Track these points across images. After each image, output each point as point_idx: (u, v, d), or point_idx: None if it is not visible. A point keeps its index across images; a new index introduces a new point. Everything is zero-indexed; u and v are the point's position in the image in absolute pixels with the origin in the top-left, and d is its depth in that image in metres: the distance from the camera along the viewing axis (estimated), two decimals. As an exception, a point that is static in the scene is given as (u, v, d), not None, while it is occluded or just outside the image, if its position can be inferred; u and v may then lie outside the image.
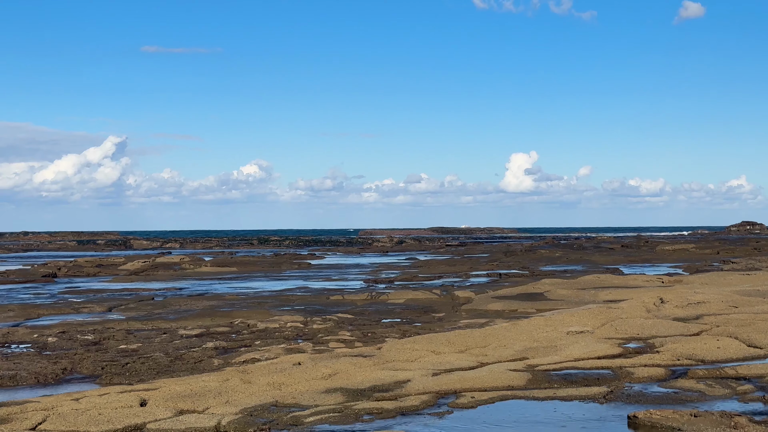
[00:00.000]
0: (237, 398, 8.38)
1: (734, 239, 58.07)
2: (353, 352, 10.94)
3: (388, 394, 8.46)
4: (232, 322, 15.43)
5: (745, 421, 6.69)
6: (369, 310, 17.32)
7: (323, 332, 13.68)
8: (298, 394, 8.49)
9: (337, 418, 7.51)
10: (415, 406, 7.94)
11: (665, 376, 9.16)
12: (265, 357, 11.01)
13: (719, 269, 27.54)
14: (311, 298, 20.23)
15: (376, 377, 9.13)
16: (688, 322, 13.01)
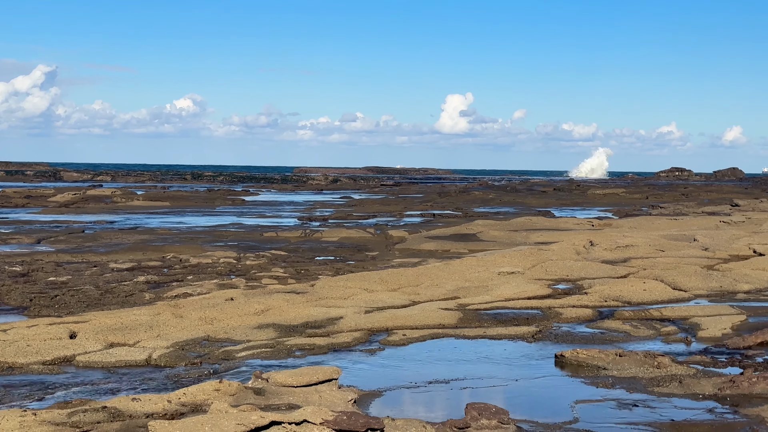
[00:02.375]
0: (168, 332, 8.35)
1: (663, 185, 59.15)
2: (286, 288, 10.95)
3: (321, 331, 8.51)
4: (164, 257, 15.30)
5: (667, 361, 6.87)
6: (303, 247, 17.32)
7: (256, 269, 13.65)
8: (230, 329, 8.48)
9: (269, 353, 7.53)
10: (347, 343, 8.00)
11: (592, 316, 9.36)
12: (197, 292, 10.96)
13: (648, 214, 28.07)
14: (244, 235, 20.14)
15: (309, 314, 9.17)
16: (616, 264, 13.28)
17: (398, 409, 5.93)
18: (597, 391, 6.35)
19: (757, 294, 10.92)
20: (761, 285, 11.51)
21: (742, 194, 44.57)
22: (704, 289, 11.09)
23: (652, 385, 6.40)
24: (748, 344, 7.80)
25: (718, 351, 7.63)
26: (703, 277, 11.65)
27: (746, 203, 33.12)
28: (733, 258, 14.27)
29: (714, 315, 9.19)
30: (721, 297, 10.69)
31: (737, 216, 22.58)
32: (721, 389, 6.16)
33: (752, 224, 20.40)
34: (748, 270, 12.50)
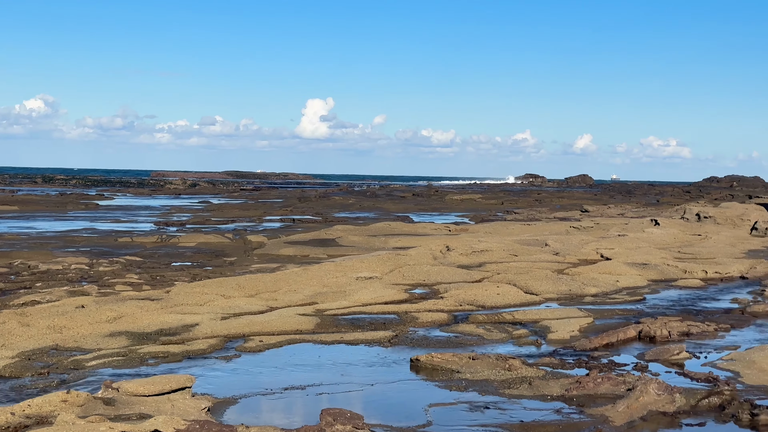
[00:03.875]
0: (14, 341, 8.02)
1: (518, 191, 60.82)
2: (140, 295, 10.69)
3: (176, 338, 8.35)
4: (11, 263, 14.69)
5: (518, 364, 7.06)
6: (159, 253, 16.96)
7: (109, 275, 13.27)
8: (80, 338, 8.22)
9: (121, 362, 7.34)
10: (202, 350, 7.88)
11: (448, 320, 9.52)
12: (46, 299, 10.56)
13: (503, 219, 28.75)
14: (98, 240, 19.56)
15: (164, 321, 8.99)
16: (471, 269, 13.57)
17: (253, 417, 5.89)
18: (450, 394, 6.46)
19: (604, 297, 11.36)
20: (607, 288, 11.98)
21: (592, 200, 46.28)
22: (554, 293, 11.46)
23: (504, 387, 6.56)
24: (594, 346, 8.10)
25: (566, 353, 7.89)
26: (553, 281, 12.03)
27: (595, 209, 34.38)
28: (582, 262, 14.81)
29: (563, 318, 9.51)
30: (570, 300, 11.07)
31: (586, 221, 23.42)
32: (568, 390, 6.37)
33: (600, 229, 21.19)
34: (596, 274, 13.00)
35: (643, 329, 8.68)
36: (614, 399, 6.10)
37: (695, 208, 25.36)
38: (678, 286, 12.66)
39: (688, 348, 8.05)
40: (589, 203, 41.19)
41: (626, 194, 56.60)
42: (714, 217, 23.52)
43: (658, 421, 5.78)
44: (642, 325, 8.82)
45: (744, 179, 76.27)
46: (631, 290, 12.00)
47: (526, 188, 70.66)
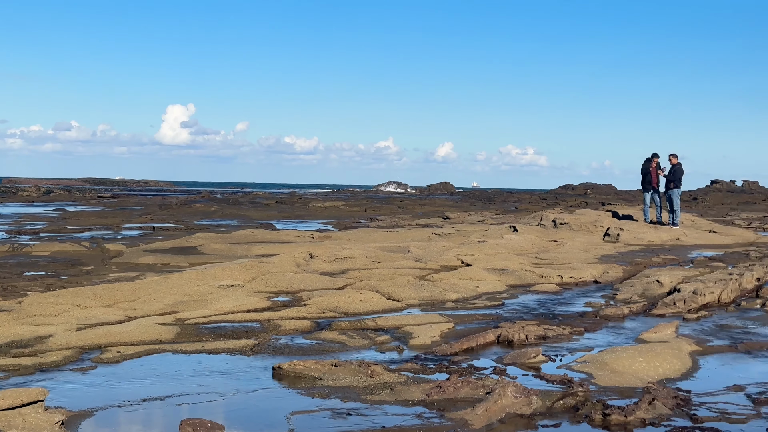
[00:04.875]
0: None
1: (381, 198, 61.33)
2: (-10, 306, 10.24)
3: (28, 350, 8.03)
4: None
5: (380, 370, 7.10)
6: (10, 262, 16.30)
7: (-43, 286, 12.67)
8: (-77, 353, 7.81)
9: (-32, 377, 7.01)
10: (56, 362, 7.61)
11: (311, 328, 9.50)
12: None
13: (366, 226, 28.93)
14: (-56, 249, 18.64)
15: (15, 333, 8.63)
16: (334, 276, 13.59)
17: (110, 429, 5.72)
18: (313, 401, 6.44)
19: (464, 302, 11.57)
20: (468, 294, 12.21)
21: (453, 207, 47.11)
22: (416, 299, 11.59)
23: (366, 394, 6.59)
24: (455, 351, 8.24)
25: (428, 358, 7.99)
26: (415, 287, 12.17)
27: (456, 216, 35.01)
28: (443, 268, 15.04)
29: (425, 324, 9.62)
30: (432, 306, 11.22)
31: (448, 228, 23.81)
32: (429, 395, 6.45)
33: (461, 236, 21.58)
34: (457, 280, 13.22)
35: (501, 333, 8.88)
36: (474, 402, 6.21)
37: (552, 214, 26.12)
38: (535, 290, 13.00)
39: (545, 351, 8.28)
40: (450, 210, 41.91)
41: (486, 201, 57.86)
42: (569, 224, 24.29)
43: (515, 423, 5.92)
44: (501, 329, 9.02)
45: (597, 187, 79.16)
46: (490, 295, 12.26)
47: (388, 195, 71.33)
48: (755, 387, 6.96)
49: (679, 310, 10.91)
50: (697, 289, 11.71)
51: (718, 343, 8.88)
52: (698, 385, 7.09)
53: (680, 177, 24.70)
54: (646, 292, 12.58)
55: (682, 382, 7.19)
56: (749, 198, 66.63)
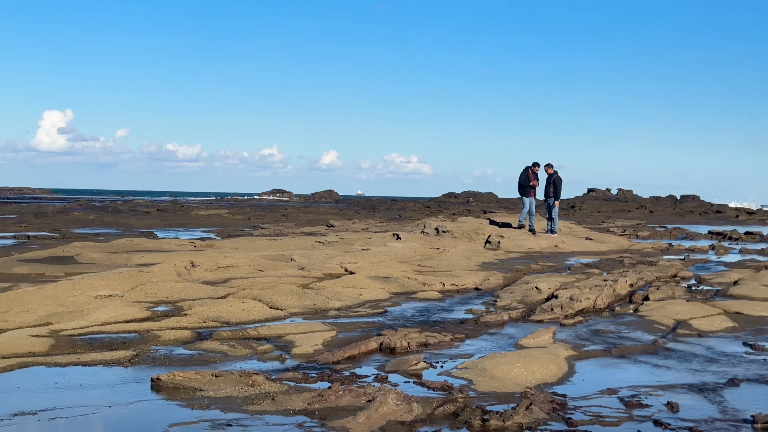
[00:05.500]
0: None
1: (265, 206, 60.92)
2: None
3: None
4: None
5: (262, 379, 7.04)
6: None
7: None
8: None
9: None
10: None
11: (191, 338, 9.35)
12: None
13: (250, 234, 28.68)
14: None
15: None
16: (216, 285, 13.42)
17: (-22, 447, 5.51)
18: (192, 412, 6.34)
19: (347, 310, 11.59)
20: (351, 302, 12.23)
21: (337, 215, 47.16)
22: (299, 308, 11.55)
23: (247, 404, 6.52)
24: (337, 359, 8.23)
25: (310, 366, 7.96)
26: (298, 295, 12.13)
27: (340, 224, 35.06)
28: (327, 276, 15.04)
29: (307, 332, 9.59)
30: (315, 314, 11.20)
31: (332, 236, 23.82)
32: (311, 404, 6.43)
33: (345, 244, 21.62)
34: (340, 288, 13.24)
35: (384, 341, 8.92)
36: (355, 411, 6.22)
37: (434, 222, 26.43)
38: (418, 298, 13.12)
39: (426, 358, 8.35)
40: (335, 218, 41.95)
41: (371, 209, 58.15)
42: (452, 231, 24.62)
43: (396, 430, 5.95)
44: (383, 337, 9.06)
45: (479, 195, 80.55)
46: (373, 303, 12.32)
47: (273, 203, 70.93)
48: (628, 390, 7.18)
49: (557, 316, 11.18)
50: (574, 296, 12.03)
51: (593, 347, 9.13)
52: (574, 389, 7.27)
53: (559, 186, 25.37)
54: (525, 298, 12.85)
55: (559, 386, 7.36)
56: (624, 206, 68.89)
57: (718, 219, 58.74)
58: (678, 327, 10.60)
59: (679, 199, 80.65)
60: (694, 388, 7.33)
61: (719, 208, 70.35)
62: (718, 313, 11.58)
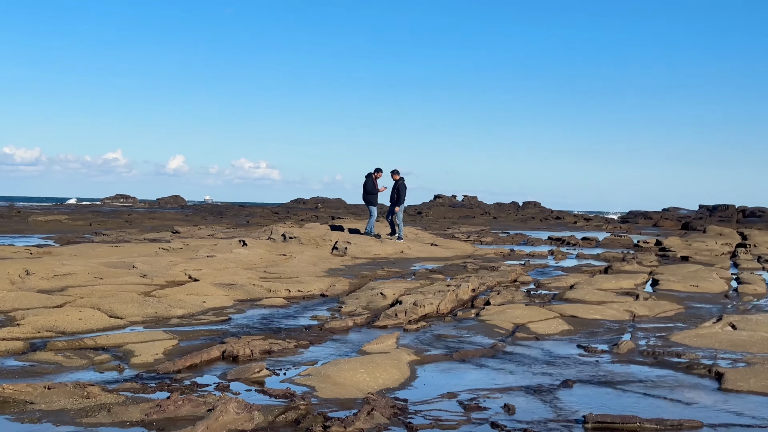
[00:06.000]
0: None
1: (108, 211, 59.23)
2: None
3: None
4: None
5: (97, 390, 6.82)
6: None
7: None
8: None
9: None
10: None
11: (24, 349, 8.95)
12: None
13: (90, 241, 27.81)
14: None
15: None
16: (53, 294, 12.92)
17: None
18: (22, 427, 6.07)
19: (190, 318, 11.38)
20: (194, 310, 12.02)
21: (184, 221, 46.35)
22: (140, 316, 11.26)
23: (81, 416, 6.29)
24: (178, 368, 8.06)
25: (150, 377, 7.76)
26: (139, 303, 11.82)
27: (186, 230, 34.43)
28: (170, 284, 14.73)
29: (148, 341, 9.35)
30: (157, 323, 10.94)
31: (177, 243, 23.35)
32: (149, 414, 6.26)
33: (190, 250, 21.24)
34: (183, 295, 12.99)
35: (226, 349, 8.79)
36: (195, 420, 6.10)
37: (282, 228, 26.31)
38: (263, 305, 13.02)
39: (270, 365, 8.29)
40: (180, 224, 41.19)
41: (218, 215, 57.42)
42: (299, 238, 24.57)
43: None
44: (226, 345, 8.94)
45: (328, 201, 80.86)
46: (217, 311, 12.15)
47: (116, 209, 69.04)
48: (467, 393, 7.33)
49: (401, 322, 11.30)
50: (417, 301, 12.21)
51: (435, 352, 9.28)
52: (415, 393, 7.36)
53: (403, 193, 25.74)
54: (370, 304, 12.95)
55: (401, 391, 7.44)
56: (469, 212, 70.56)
57: (558, 225, 60.95)
58: (517, 331, 10.91)
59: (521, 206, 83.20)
60: (530, 390, 7.56)
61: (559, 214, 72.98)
62: (555, 317, 11.99)
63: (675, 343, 10.14)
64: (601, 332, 11.05)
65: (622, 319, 12.27)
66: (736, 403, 7.23)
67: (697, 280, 17.12)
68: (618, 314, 12.52)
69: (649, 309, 13.08)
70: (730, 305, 14.16)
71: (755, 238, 34.54)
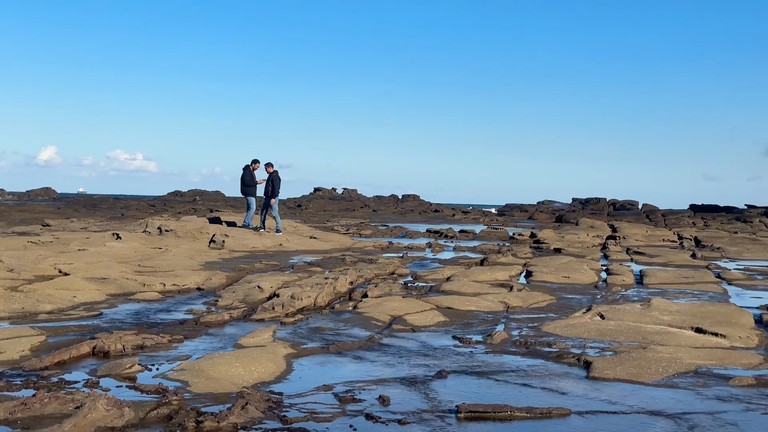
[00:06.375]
0: None
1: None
2: None
3: None
4: None
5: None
6: None
7: None
8: None
9: None
10: None
11: None
12: None
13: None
14: None
15: None
16: None
17: None
18: None
19: (59, 314, 11.04)
20: (64, 305, 11.67)
21: (55, 214, 44.97)
22: (6, 312, 10.87)
23: (-61, 417, 6.02)
24: (45, 365, 7.80)
25: (15, 374, 7.49)
26: (5, 299, 11.40)
27: (57, 223, 33.42)
28: (38, 278, 14.26)
29: (13, 337, 9.02)
30: (23, 318, 10.58)
31: (47, 236, 22.62)
32: (13, 413, 6.04)
33: (61, 244, 20.61)
34: (52, 290, 12.59)
35: (97, 345, 8.57)
36: (62, 418, 5.92)
37: (157, 221, 25.81)
38: (137, 299, 12.74)
39: (142, 361, 8.11)
40: (51, 217, 39.95)
41: (91, 208, 55.93)
42: (175, 230, 24.15)
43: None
44: (97, 340, 8.70)
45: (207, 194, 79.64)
46: (88, 306, 11.82)
47: (-16, 201, 66.46)
48: (343, 386, 7.33)
49: (278, 315, 11.24)
50: (295, 294, 12.16)
51: (312, 345, 9.26)
52: (291, 386, 7.32)
53: (278, 185, 25.69)
54: (247, 297, 12.83)
55: (276, 384, 7.39)
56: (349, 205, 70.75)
57: (437, 218, 61.74)
58: (394, 323, 10.99)
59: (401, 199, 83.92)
60: (405, 381, 7.61)
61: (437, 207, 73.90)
62: (431, 309, 12.13)
63: (546, 333, 10.39)
64: (475, 323, 11.24)
65: (496, 310, 12.51)
66: (603, 390, 7.46)
67: (568, 272, 17.60)
68: (492, 305, 12.75)
69: (522, 300, 13.37)
70: (600, 296, 14.62)
71: (625, 231, 35.79)
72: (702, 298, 14.14)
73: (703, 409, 6.81)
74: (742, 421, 6.47)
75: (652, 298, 12.73)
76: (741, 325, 10.79)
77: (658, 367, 8.31)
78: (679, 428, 6.24)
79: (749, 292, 15.64)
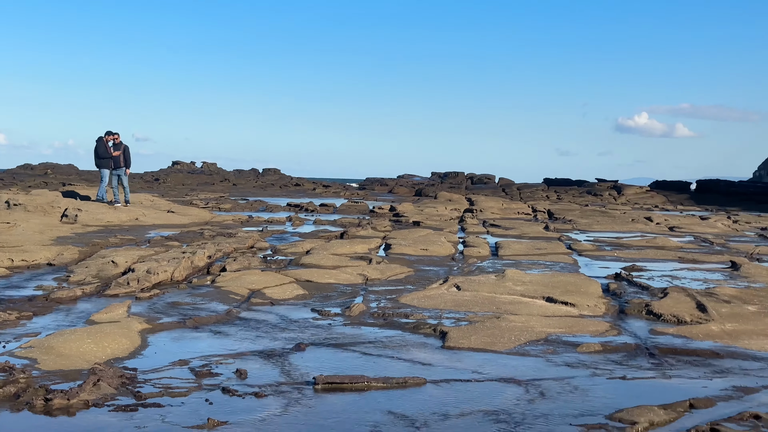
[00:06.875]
0: None
1: None
2: None
3: None
4: None
5: None
6: None
7: None
8: None
9: None
10: None
11: None
12: None
13: None
14: None
15: None
16: None
17: None
18: None
19: None
20: None
21: None
22: None
23: None
24: None
25: None
26: None
27: None
28: None
29: None
30: None
31: None
32: None
33: None
34: None
35: (-61, 323, 8.18)
36: None
37: (5, 195, 24.78)
38: (-18, 275, 12.21)
39: (-12, 339, 7.80)
40: None
41: (-66, 181, 53.22)
42: (24, 205, 23.25)
43: (-53, 418, 5.48)
44: (-62, 318, 8.31)
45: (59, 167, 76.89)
46: (-70, 282, 11.26)
47: None
48: (199, 360, 7.25)
49: (133, 290, 10.99)
50: (151, 268, 11.92)
51: (168, 320, 9.11)
52: (146, 362, 7.19)
53: (128, 156, 25.29)
54: (100, 272, 12.49)
55: (130, 360, 7.25)
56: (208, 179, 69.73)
57: (297, 192, 61.53)
58: (252, 296, 10.92)
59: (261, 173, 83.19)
60: (263, 354, 7.59)
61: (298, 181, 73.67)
62: (290, 282, 12.10)
63: (404, 305, 10.53)
64: (334, 296, 11.28)
65: (355, 282, 12.59)
66: (458, 359, 7.63)
67: (426, 244, 17.86)
68: (351, 278, 12.83)
69: (381, 272, 13.50)
70: (456, 267, 14.90)
71: (481, 204, 36.57)
72: (553, 269, 14.61)
73: (552, 375, 7.06)
74: (589, 386, 6.75)
75: (506, 269, 13.08)
76: (589, 294, 11.23)
77: (510, 335, 8.56)
78: (529, 394, 6.45)
79: (598, 262, 16.25)
